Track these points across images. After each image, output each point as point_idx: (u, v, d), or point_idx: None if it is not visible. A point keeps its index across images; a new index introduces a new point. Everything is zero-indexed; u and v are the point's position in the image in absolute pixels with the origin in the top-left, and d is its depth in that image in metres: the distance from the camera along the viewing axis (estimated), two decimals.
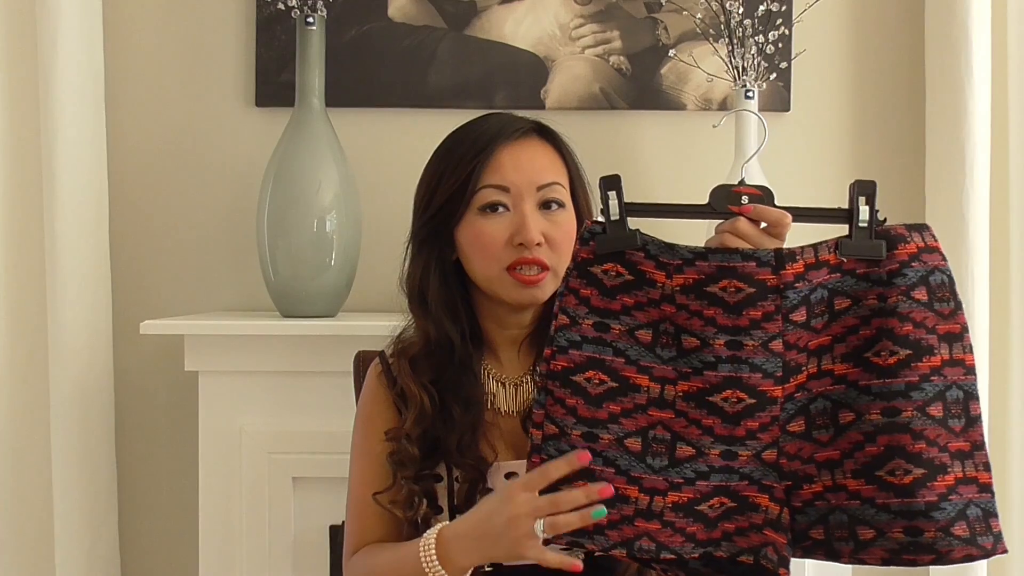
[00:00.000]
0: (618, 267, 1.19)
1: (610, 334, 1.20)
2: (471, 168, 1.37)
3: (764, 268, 1.16)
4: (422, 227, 1.42)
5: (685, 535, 1.18)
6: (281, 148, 2.06)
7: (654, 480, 1.18)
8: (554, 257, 1.37)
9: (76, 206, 2.14)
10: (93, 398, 2.16)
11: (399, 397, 1.41)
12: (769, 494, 1.17)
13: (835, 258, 1.17)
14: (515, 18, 2.27)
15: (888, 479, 1.13)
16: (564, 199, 1.39)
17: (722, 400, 1.17)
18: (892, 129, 2.30)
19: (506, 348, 1.45)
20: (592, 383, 1.19)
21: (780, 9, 2.17)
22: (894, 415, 1.14)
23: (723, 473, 1.18)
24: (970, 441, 1.15)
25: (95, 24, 2.20)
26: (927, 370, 1.14)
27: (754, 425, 1.17)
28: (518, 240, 1.35)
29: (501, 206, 1.37)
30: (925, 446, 1.13)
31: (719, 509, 1.19)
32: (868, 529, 1.14)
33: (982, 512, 1.13)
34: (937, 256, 1.18)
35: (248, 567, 1.98)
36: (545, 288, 1.37)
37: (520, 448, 1.39)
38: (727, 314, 1.17)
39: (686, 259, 1.17)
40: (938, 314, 1.16)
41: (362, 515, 1.42)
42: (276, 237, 2.03)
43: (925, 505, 1.12)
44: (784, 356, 1.17)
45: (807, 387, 1.18)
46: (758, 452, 1.18)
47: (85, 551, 2.15)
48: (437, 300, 1.40)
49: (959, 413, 1.15)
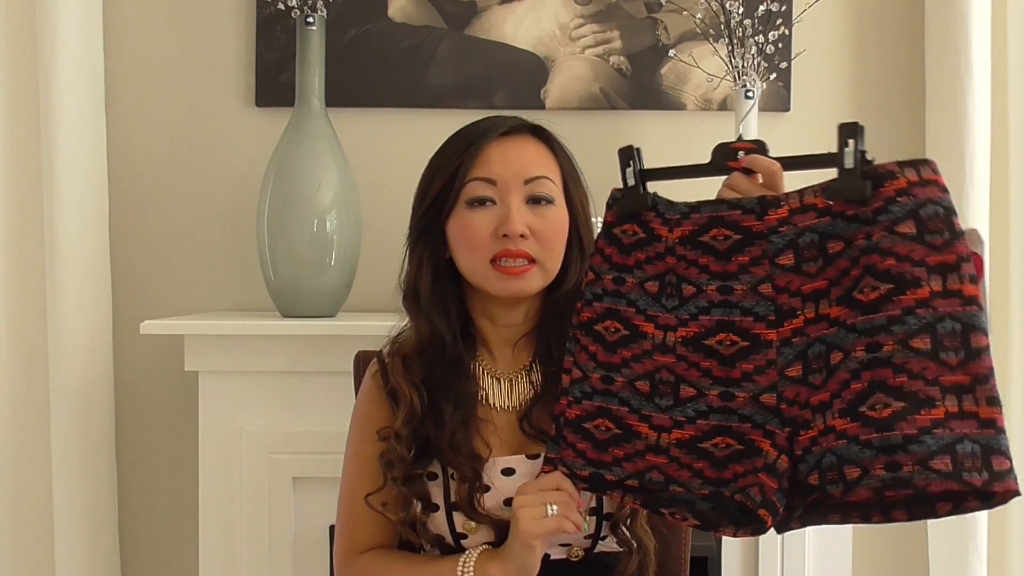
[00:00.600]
0: (634, 227, 1.30)
1: (625, 287, 1.29)
2: (459, 162, 1.37)
3: (749, 215, 1.21)
4: (416, 224, 1.43)
5: (692, 470, 1.21)
6: (281, 148, 2.06)
7: (661, 418, 1.25)
8: (541, 251, 1.37)
9: (76, 206, 2.15)
10: (93, 398, 2.16)
11: (391, 396, 1.41)
12: (772, 440, 1.18)
13: (822, 201, 1.18)
14: (515, 18, 2.28)
15: (869, 414, 1.10)
16: (554, 195, 1.39)
17: (717, 343, 1.22)
18: (892, 129, 2.30)
19: (500, 345, 1.45)
20: (609, 331, 1.30)
21: (780, 9, 2.17)
22: (876, 350, 1.11)
23: (721, 413, 1.21)
24: (970, 375, 1.08)
25: (95, 24, 2.20)
26: (911, 303, 1.11)
27: (748, 367, 1.20)
28: (502, 231, 1.35)
29: (488, 200, 1.37)
30: (907, 379, 1.09)
31: (726, 450, 1.20)
32: (854, 468, 1.10)
33: (980, 448, 1.06)
34: (933, 189, 1.14)
35: (248, 567, 1.98)
36: (531, 281, 1.37)
37: (515, 443, 1.39)
38: (718, 261, 1.23)
39: (683, 213, 1.26)
40: (929, 246, 1.11)
41: (355, 516, 1.42)
42: (276, 237, 2.03)
43: (903, 438, 1.07)
44: (775, 300, 1.20)
45: (805, 332, 1.18)
46: (755, 394, 1.20)
47: (85, 551, 2.15)
48: (428, 296, 1.41)
49: (954, 345, 1.09)
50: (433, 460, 1.38)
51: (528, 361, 1.44)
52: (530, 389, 1.42)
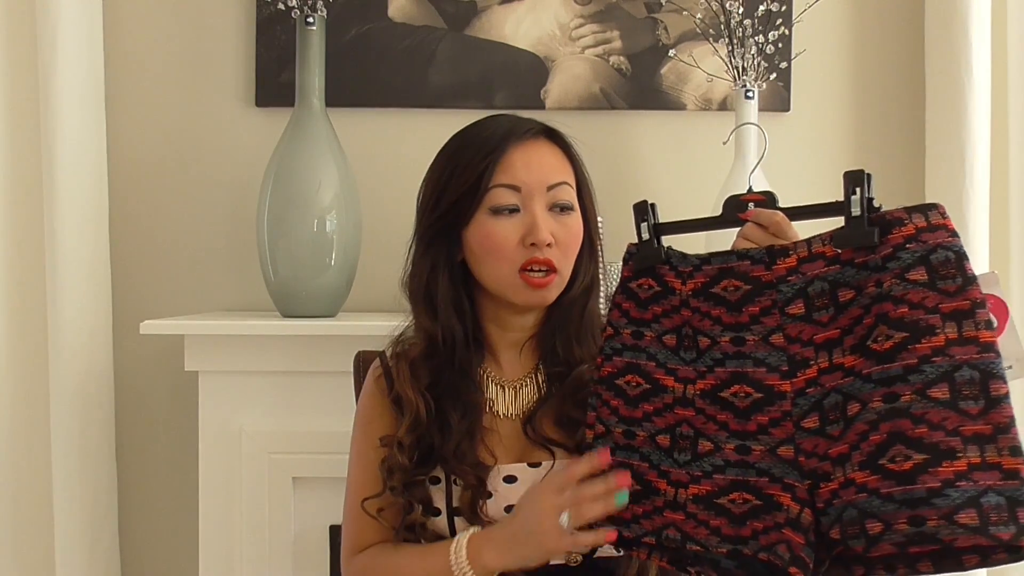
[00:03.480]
0: (650, 280, 1.29)
1: (643, 340, 1.29)
2: (482, 168, 1.36)
3: (758, 265, 1.21)
4: (429, 227, 1.41)
5: (709, 528, 1.20)
6: (281, 148, 2.06)
7: (679, 473, 1.23)
8: (562, 260, 1.38)
9: (76, 206, 2.15)
10: (93, 398, 2.16)
11: (395, 402, 1.40)
12: (791, 493, 1.16)
13: (831, 250, 1.18)
14: (515, 18, 2.28)
15: (889, 467, 1.08)
16: (573, 201, 1.40)
17: (732, 395, 1.21)
18: (892, 129, 2.30)
19: (507, 350, 1.44)
20: (631, 385, 1.29)
21: (780, 9, 2.17)
22: (894, 400, 1.10)
23: (738, 467, 1.20)
24: (991, 424, 1.06)
25: (95, 24, 2.20)
26: (927, 351, 1.09)
27: (764, 420, 1.19)
28: (530, 240, 1.35)
29: (512, 208, 1.36)
30: (927, 430, 1.07)
31: (744, 506, 1.19)
32: (876, 522, 1.08)
33: (1006, 501, 1.03)
34: (943, 233, 1.12)
35: (248, 567, 1.98)
36: (552, 291, 1.38)
37: (519, 451, 1.39)
38: (730, 312, 1.22)
39: (695, 265, 1.25)
40: (942, 292, 1.10)
41: (359, 518, 1.42)
42: (276, 237, 2.03)
43: (927, 492, 1.05)
44: (787, 350, 1.18)
45: (819, 382, 1.17)
46: (772, 447, 1.18)
47: (85, 551, 2.15)
48: (445, 300, 1.40)
49: (974, 394, 1.07)
50: (436, 466, 1.38)
51: (533, 366, 1.43)
52: (535, 393, 1.42)
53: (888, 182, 2.29)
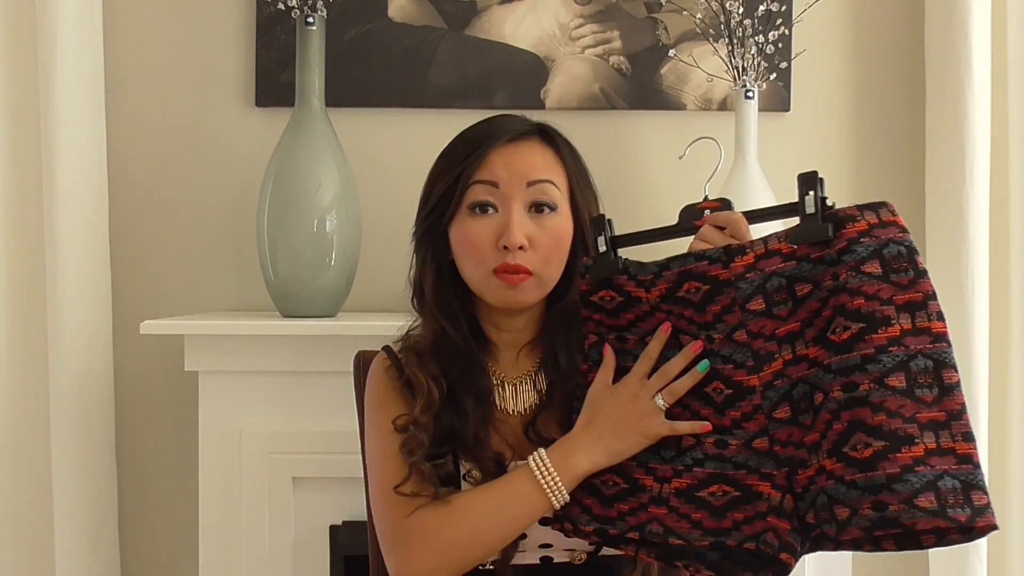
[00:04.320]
0: (610, 292, 1.31)
1: (628, 344, 1.32)
2: (463, 165, 1.37)
3: (715, 265, 1.24)
4: (419, 225, 1.43)
5: (691, 521, 1.23)
6: (281, 148, 2.06)
7: (664, 469, 1.27)
8: (538, 263, 1.36)
9: (76, 206, 2.14)
10: (93, 398, 2.16)
11: (407, 387, 1.39)
12: (771, 482, 1.20)
13: (787, 247, 1.21)
14: (515, 18, 2.28)
15: (852, 454, 1.12)
16: (556, 201, 1.38)
17: (712, 391, 1.25)
18: (892, 129, 2.30)
19: (505, 349, 1.44)
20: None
21: (780, 9, 2.17)
22: (853, 389, 1.14)
23: (716, 461, 1.24)
24: (945, 411, 1.11)
25: (95, 24, 2.20)
26: (884, 341, 1.13)
27: (737, 415, 1.23)
28: (502, 243, 1.34)
29: (490, 206, 1.36)
30: (885, 418, 1.11)
31: (723, 498, 1.22)
32: (843, 508, 1.12)
33: (961, 484, 1.09)
34: (893, 229, 1.17)
35: (248, 567, 1.98)
36: (527, 292, 1.37)
37: (519, 449, 1.39)
38: (697, 312, 1.26)
39: (655, 273, 1.28)
40: (895, 284, 1.15)
41: (394, 505, 1.34)
42: (276, 237, 2.03)
43: (887, 477, 1.09)
44: (751, 345, 1.22)
45: (785, 374, 1.20)
46: (747, 441, 1.22)
47: (85, 551, 2.15)
48: (432, 298, 1.41)
49: (928, 382, 1.12)
50: (448, 455, 1.36)
51: (532, 368, 1.43)
52: (535, 396, 1.42)
53: (888, 182, 2.31)
